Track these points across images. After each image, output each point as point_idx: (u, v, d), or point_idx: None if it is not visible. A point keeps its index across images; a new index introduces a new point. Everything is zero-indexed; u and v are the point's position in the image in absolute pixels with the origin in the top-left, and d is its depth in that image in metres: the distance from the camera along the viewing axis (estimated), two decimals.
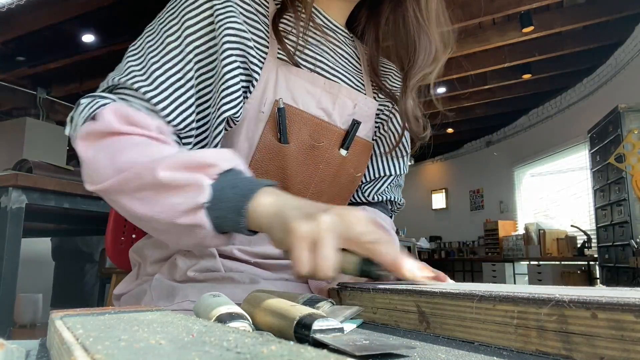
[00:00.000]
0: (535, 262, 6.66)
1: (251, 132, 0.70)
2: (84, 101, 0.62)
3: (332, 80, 0.78)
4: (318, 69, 0.77)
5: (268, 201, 0.50)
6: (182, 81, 0.64)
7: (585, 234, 5.87)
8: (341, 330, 0.34)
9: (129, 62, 0.64)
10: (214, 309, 0.35)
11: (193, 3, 0.68)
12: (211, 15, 0.67)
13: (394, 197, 0.93)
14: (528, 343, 0.32)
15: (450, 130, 8.34)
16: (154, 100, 0.61)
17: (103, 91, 0.65)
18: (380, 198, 0.92)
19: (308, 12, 0.73)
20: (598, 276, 5.51)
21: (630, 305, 0.27)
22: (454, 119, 7.67)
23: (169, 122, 0.63)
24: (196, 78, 0.66)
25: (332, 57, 0.80)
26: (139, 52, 0.66)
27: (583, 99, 6.32)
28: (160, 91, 0.62)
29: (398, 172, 0.91)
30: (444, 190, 9.72)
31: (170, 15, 0.68)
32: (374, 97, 0.86)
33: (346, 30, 0.86)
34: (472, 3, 4.46)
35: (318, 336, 0.32)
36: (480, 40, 5.14)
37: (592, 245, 5.76)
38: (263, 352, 0.18)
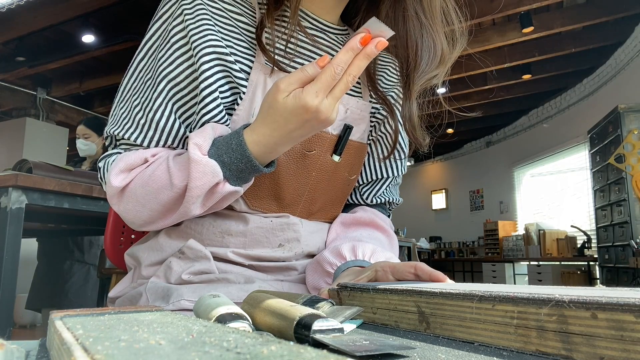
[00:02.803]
0: (535, 263, 6.67)
1: None
2: (100, 164, 0.71)
3: None
4: None
5: (254, 135, 0.60)
6: (159, 115, 0.68)
7: (585, 234, 5.87)
8: (341, 330, 0.34)
9: (120, 112, 0.71)
10: (213, 309, 0.35)
11: (165, 32, 0.69)
12: (186, 42, 0.67)
13: (393, 199, 0.91)
14: (528, 343, 0.32)
15: (450, 130, 8.34)
16: (144, 144, 0.69)
17: (109, 145, 0.73)
18: (379, 200, 0.90)
19: (293, 16, 0.69)
20: (598, 276, 5.51)
21: (630, 305, 0.27)
22: (455, 119, 7.67)
23: (164, 146, 0.70)
24: (176, 111, 0.69)
25: None
26: (125, 99, 0.72)
27: (583, 99, 6.33)
28: (145, 132, 0.68)
29: (396, 174, 0.89)
30: (444, 191, 9.72)
31: (147, 49, 0.72)
32: (370, 95, 0.82)
33: (339, 27, 0.82)
34: (472, 3, 4.45)
35: (318, 336, 0.32)
36: (480, 40, 5.14)
37: (592, 245, 5.76)
38: (263, 352, 0.18)
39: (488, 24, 5.12)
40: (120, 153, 0.70)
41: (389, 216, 0.94)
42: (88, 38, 4.77)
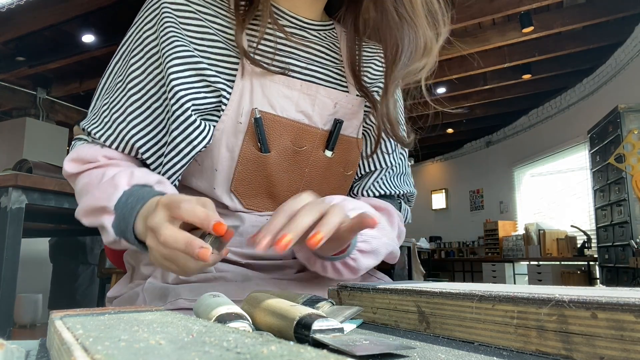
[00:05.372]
0: (535, 262, 6.67)
1: (231, 144, 0.69)
2: (72, 144, 0.76)
3: (309, 81, 0.75)
4: (292, 73, 0.73)
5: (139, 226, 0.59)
6: (124, 115, 0.69)
7: (585, 234, 5.87)
8: (341, 330, 0.34)
9: (93, 111, 0.74)
10: (213, 309, 0.35)
11: (138, 39, 0.71)
12: (156, 52, 0.68)
13: (392, 191, 0.85)
14: (528, 343, 0.32)
15: (450, 130, 8.34)
16: (101, 137, 0.70)
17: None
18: (371, 194, 0.84)
19: (265, 14, 0.69)
20: (598, 276, 5.51)
21: (630, 305, 0.27)
22: (454, 119, 7.68)
23: (117, 149, 0.70)
24: (141, 113, 0.70)
25: (306, 57, 0.76)
26: (99, 97, 0.75)
27: (583, 99, 6.33)
28: (107, 128, 0.70)
29: (384, 166, 0.84)
30: (444, 191, 9.72)
31: (122, 53, 0.74)
32: (357, 90, 0.79)
33: (321, 23, 0.80)
34: (472, 3, 4.46)
35: (318, 336, 0.32)
36: (480, 40, 5.14)
37: (592, 245, 5.76)
38: (263, 352, 0.18)
39: (488, 24, 5.12)
40: (86, 141, 0.74)
41: (399, 207, 0.88)
42: (88, 38, 4.78)
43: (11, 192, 1.61)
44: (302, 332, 0.33)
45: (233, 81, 0.69)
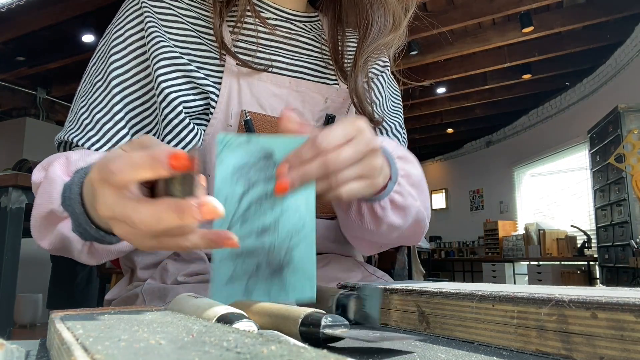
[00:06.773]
0: (535, 262, 6.67)
1: None
2: None
3: (297, 77, 0.73)
4: (279, 69, 0.72)
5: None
6: (110, 114, 0.65)
7: (585, 234, 5.87)
8: (346, 325, 0.34)
9: (68, 120, 0.69)
10: (205, 310, 0.35)
11: (119, 38, 0.68)
12: (142, 52, 0.67)
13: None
14: (528, 343, 0.32)
15: (450, 130, 8.34)
16: (80, 140, 0.64)
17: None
18: None
19: (242, 8, 0.68)
20: (598, 276, 5.51)
21: (630, 305, 0.27)
22: (455, 119, 7.68)
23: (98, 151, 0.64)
24: (127, 112, 0.67)
25: (293, 51, 0.75)
26: (73, 107, 0.70)
27: (583, 99, 6.32)
28: (88, 129, 0.65)
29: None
30: (444, 190, 9.72)
31: (99, 54, 0.70)
32: (341, 80, 0.79)
33: (306, 14, 0.79)
34: (472, 3, 4.46)
35: (328, 331, 0.33)
36: (480, 40, 5.14)
37: (592, 245, 5.76)
38: (263, 352, 0.18)
39: (488, 24, 5.12)
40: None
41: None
42: (88, 38, 4.77)
43: (11, 192, 1.61)
44: (311, 330, 0.33)
45: (220, 83, 0.68)
